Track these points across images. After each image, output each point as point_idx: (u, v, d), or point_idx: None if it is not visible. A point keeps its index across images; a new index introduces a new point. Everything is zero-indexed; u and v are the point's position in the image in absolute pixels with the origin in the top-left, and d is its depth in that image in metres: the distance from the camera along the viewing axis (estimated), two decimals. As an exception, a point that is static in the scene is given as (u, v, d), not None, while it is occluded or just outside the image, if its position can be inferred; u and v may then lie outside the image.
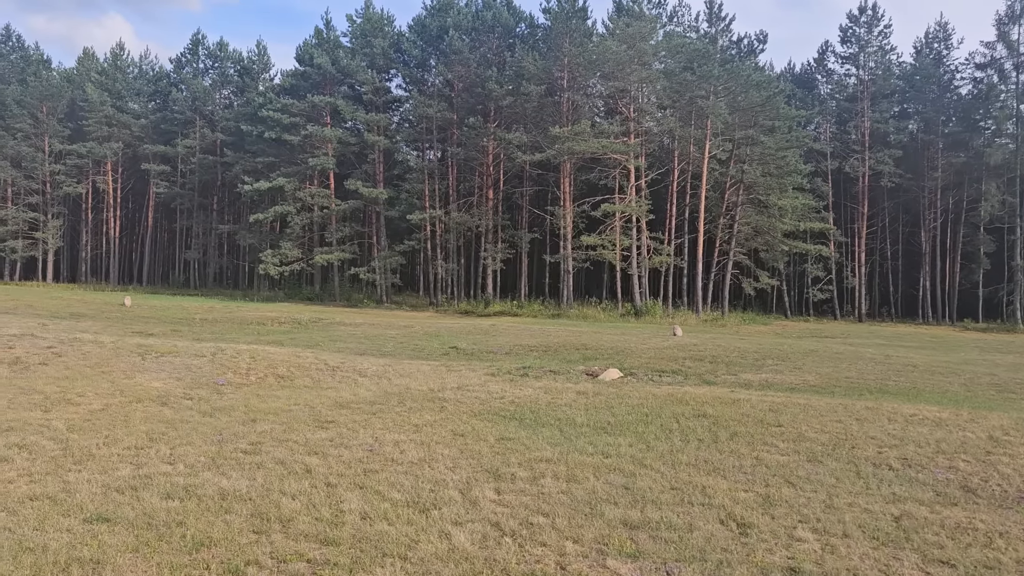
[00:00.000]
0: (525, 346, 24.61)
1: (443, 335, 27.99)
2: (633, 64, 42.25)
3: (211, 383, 12.71)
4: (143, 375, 13.15)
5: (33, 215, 66.08)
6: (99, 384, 11.78)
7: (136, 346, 16.31)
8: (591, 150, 41.20)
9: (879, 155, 56.36)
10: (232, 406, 10.42)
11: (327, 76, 53.39)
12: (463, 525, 5.51)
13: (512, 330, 30.56)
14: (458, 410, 10.80)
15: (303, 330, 29.26)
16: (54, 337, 16.97)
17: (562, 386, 14.03)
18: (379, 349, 22.52)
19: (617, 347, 24.12)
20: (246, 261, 64.91)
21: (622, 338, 27.38)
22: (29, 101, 64.32)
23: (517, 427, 9.69)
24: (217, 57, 66.24)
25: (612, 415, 10.82)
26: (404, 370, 15.56)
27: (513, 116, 50.62)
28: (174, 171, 64.72)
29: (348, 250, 53.40)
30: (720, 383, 16.85)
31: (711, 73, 42.29)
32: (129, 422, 8.91)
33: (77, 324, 25.45)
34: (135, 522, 5.34)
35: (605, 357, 22.08)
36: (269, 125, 52.03)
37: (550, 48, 46.17)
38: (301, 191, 52.62)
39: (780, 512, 6.20)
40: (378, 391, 12.63)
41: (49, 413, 9.24)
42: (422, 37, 53.28)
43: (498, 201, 52.53)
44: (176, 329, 26.64)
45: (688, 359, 21.27)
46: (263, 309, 40.17)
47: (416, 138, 55.37)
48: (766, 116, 45.47)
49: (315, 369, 14.88)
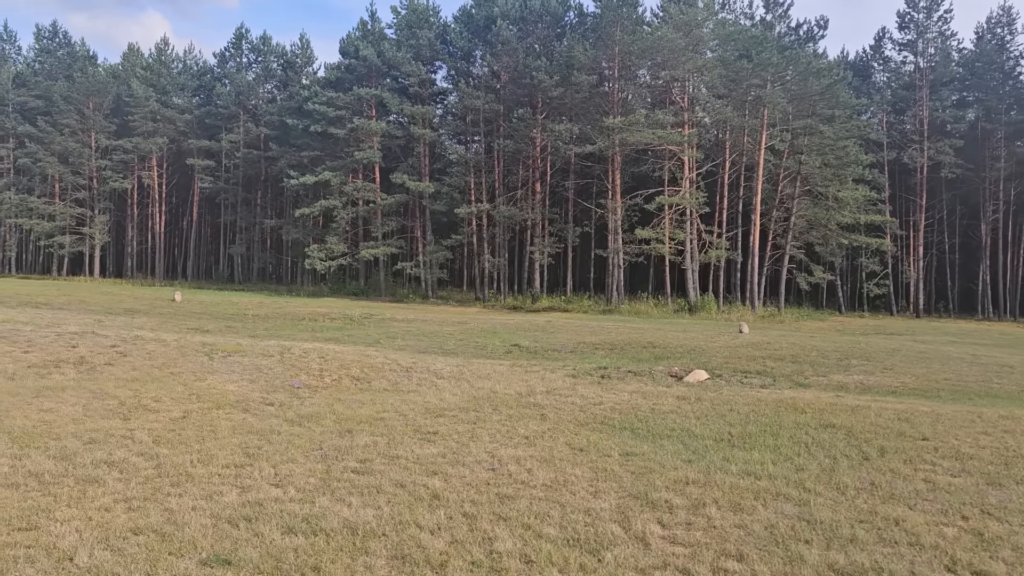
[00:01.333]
0: (588, 344, 23.66)
1: (500, 332, 27.14)
2: (688, 52, 40.91)
3: (287, 386, 11.96)
4: (214, 377, 12.46)
5: (80, 211, 66.57)
6: (172, 387, 11.09)
7: (200, 345, 15.67)
8: (645, 141, 39.97)
9: (939, 145, 54.28)
10: (318, 413, 9.63)
11: (372, 68, 52.77)
12: (649, 573, 4.59)
13: (569, 327, 29.60)
14: (560, 418, 9.90)
15: (356, 326, 28.60)
16: (115, 335, 16.42)
17: (654, 389, 13.07)
18: (441, 347, 21.73)
19: (686, 345, 23.07)
20: (289, 256, 64.71)
21: (687, 335, 26.30)
22: (76, 97, 64.72)
23: (633, 439, 8.76)
24: (260, 51, 66.04)
25: (728, 424, 9.84)
26: (480, 371, 14.71)
27: (560, 108, 49.54)
28: (218, 166, 64.70)
29: (394, 245, 52.79)
30: (813, 385, 15.75)
31: (769, 61, 40.78)
32: (217, 433, 8.14)
33: (132, 320, 25.05)
34: (261, 566, 4.51)
35: (677, 356, 21.06)
36: (315, 118, 51.57)
37: (599, 37, 44.95)
38: (347, 185, 52.09)
39: (1008, 555, 5.19)
40: (464, 395, 11.78)
41: (129, 422, 8.51)
42: (468, 28, 52.38)
43: (545, 194, 51.53)
44: (230, 325, 26.13)
45: (767, 359, 20.17)
46: (311, 304, 39.69)
47: (461, 131, 54.54)
48: (825, 105, 43.83)
49: (389, 370, 14.09)
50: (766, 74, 41.97)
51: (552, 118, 48.84)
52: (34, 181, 67.21)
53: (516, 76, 49.75)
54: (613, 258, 45.36)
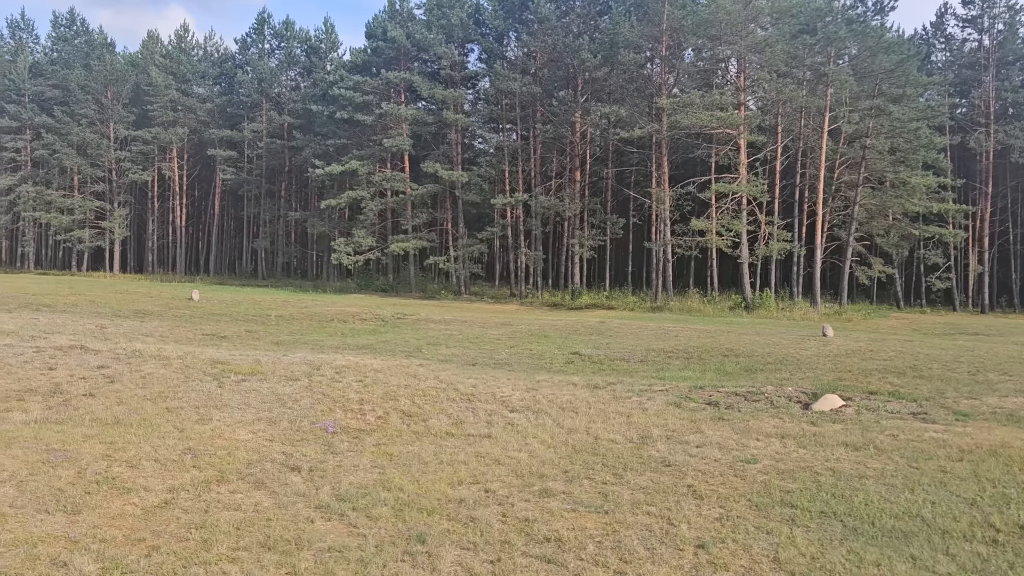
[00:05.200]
0: (657, 351, 20.49)
1: (552, 335, 24.04)
2: (745, 25, 37.39)
3: (317, 429, 8.93)
4: (222, 414, 9.45)
5: (99, 204, 64.21)
6: (162, 437, 8.08)
7: (209, 363, 12.69)
8: (701, 123, 36.48)
9: (1008, 128, 50.21)
10: (364, 487, 6.57)
11: (401, 51, 49.66)
12: None
13: (625, 329, 26.42)
14: (719, 493, 6.76)
15: (390, 329, 25.59)
16: (109, 351, 13.49)
17: (799, 427, 9.88)
18: (491, 357, 18.65)
19: (773, 353, 19.83)
20: (314, 250, 61.97)
21: (764, 339, 23.04)
22: (93, 86, 62.27)
23: (855, 539, 5.63)
24: (283, 37, 63.19)
25: (966, 502, 6.65)
26: (557, 397, 11.57)
27: (600, 90, 46.19)
28: (240, 157, 62.02)
29: (425, 238, 49.72)
30: (974, 414, 12.32)
31: (836, 34, 37.13)
32: (211, 544, 5.10)
33: (141, 325, 22.22)
34: None
35: (770, 368, 17.87)
36: (341, 104, 48.59)
37: (645, 13, 41.50)
38: (375, 175, 49.09)
39: None
40: (557, 444, 8.68)
41: (77, 520, 5.49)
42: (503, 6, 49.10)
43: (584, 183, 48.23)
44: (251, 329, 23.23)
45: (883, 372, 16.93)
46: (339, 302, 36.82)
47: (495, 116, 51.26)
48: (894, 83, 40.10)
49: (446, 399, 11.02)
50: (831, 49, 38.33)
51: (591, 102, 45.53)
52: (52, 173, 64.90)
53: (555, 57, 46.44)
54: (659, 251, 42.02)
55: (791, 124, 44.27)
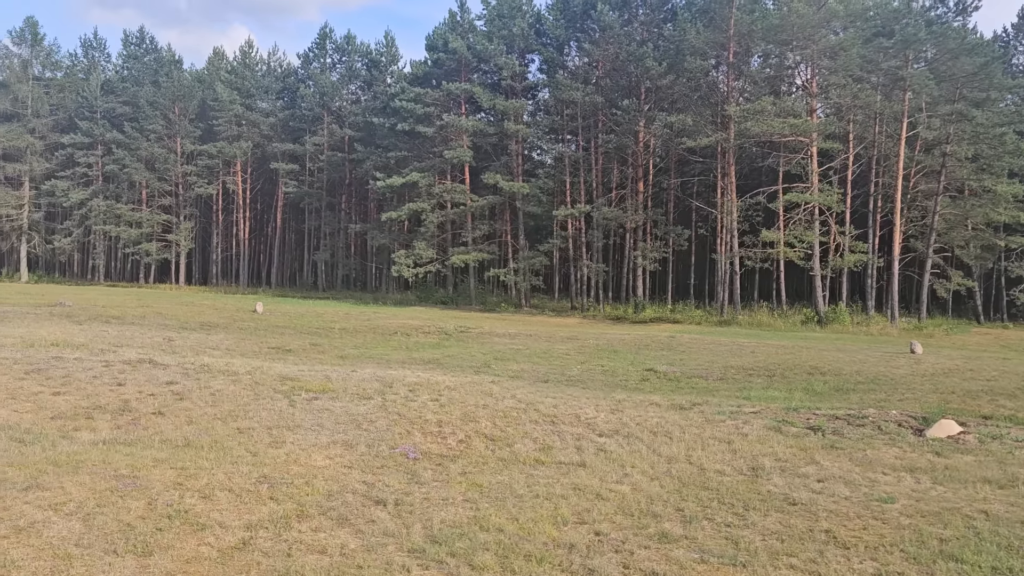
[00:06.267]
0: (736, 368, 19.47)
1: (621, 350, 23.15)
2: (819, 29, 36.02)
3: (398, 455, 8.28)
4: (295, 436, 8.89)
5: (166, 217, 65.58)
6: (235, 462, 7.52)
7: (279, 379, 12.21)
8: (773, 131, 35.18)
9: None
10: (458, 526, 5.87)
11: (462, 62, 49.44)
12: None
13: (697, 344, 25.37)
14: (860, 540, 5.85)
15: (455, 343, 25.01)
16: (177, 365, 13.14)
17: (926, 459, 8.85)
18: (563, 373, 17.88)
19: (862, 372, 18.65)
20: (373, 262, 62.09)
21: (849, 356, 21.80)
22: (162, 102, 63.71)
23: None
24: (344, 51, 63.69)
25: None
26: (645, 419, 10.73)
27: (663, 99, 45.14)
28: (302, 170, 62.60)
29: (485, 250, 49.20)
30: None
31: (915, 37, 35.49)
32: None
33: (208, 337, 22.06)
34: None
35: (862, 388, 16.72)
36: (402, 116, 48.53)
37: (712, 19, 40.38)
38: (435, 187, 48.84)
39: None
40: (657, 473, 7.87)
41: (149, 563, 4.91)
42: (564, 15, 48.51)
43: (647, 194, 47.16)
44: (315, 342, 22.90)
45: (991, 394, 15.70)
46: (400, 315, 36.48)
47: (555, 127, 50.59)
48: (976, 87, 38.17)
49: (528, 420, 10.29)
50: (909, 52, 36.67)
51: (654, 111, 44.53)
52: (121, 188, 66.56)
53: (617, 65, 45.59)
54: (724, 264, 40.69)
55: (863, 131, 42.55)
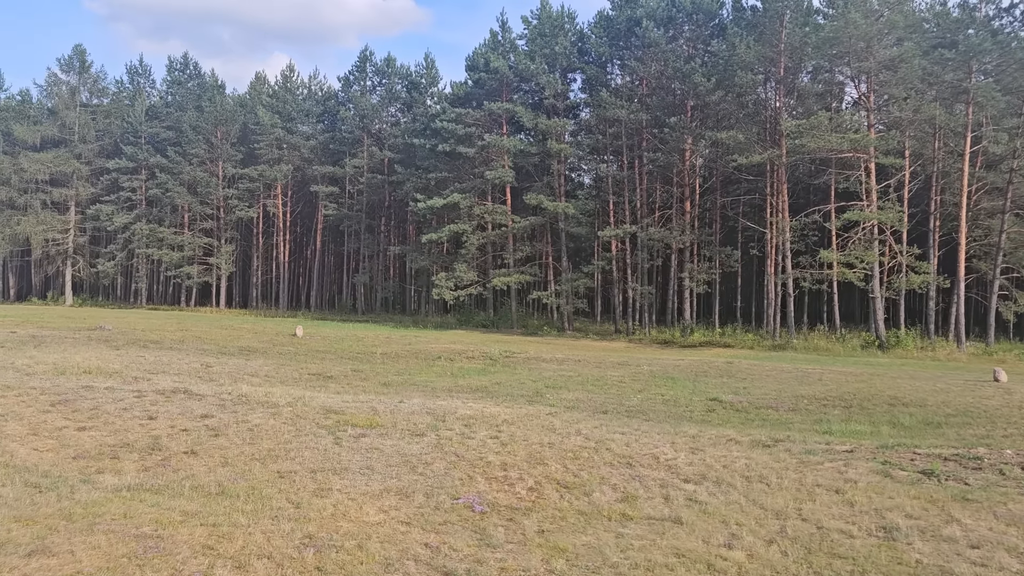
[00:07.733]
0: (808, 398, 18.02)
1: (678, 378, 21.78)
2: (877, 41, 34.55)
3: (460, 506, 7.15)
4: (343, 482, 7.80)
5: (207, 240, 65.76)
6: (275, 516, 6.46)
7: (322, 412, 11.19)
8: (829, 146, 33.67)
9: None
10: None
11: (503, 81, 48.72)
12: None
13: (758, 371, 23.92)
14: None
15: (501, 368, 23.86)
16: (213, 395, 12.20)
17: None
18: (620, 403, 16.61)
19: (947, 402, 17.11)
20: (413, 285, 61.39)
21: (927, 385, 20.22)
22: (204, 126, 64.13)
23: None
24: (385, 73, 63.54)
25: None
26: (731, 463, 9.45)
27: (710, 116, 43.83)
28: (342, 192, 62.35)
29: (528, 272, 48.09)
30: None
31: (979, 47, 33.85)
32: None
33: (247, 363, 21.23)
34: None
35: (954, 423, 15.21)
36: (443, 137, 47.91)
37: (762, 33, 39.10)
38: (476, 208, 47.98)
39: None
40: (769, 534, 6.63)
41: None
42: (607, 33, 47.59)
43: (694, 214, 45.74)
44: (357, 368, 21.94)
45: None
46: (442, 339, 35.48)
47: (597, 147, 49.49)
48: (1040, 99, 36.28)
49: (601, 463, 9.10)
50: (973, 63, 35.00)
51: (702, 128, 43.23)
52: (164, 211, 67.00)
53: (663, 82, 44.46)
54: (780, 285, 39.07)
55: (920, 147, 40.77)
